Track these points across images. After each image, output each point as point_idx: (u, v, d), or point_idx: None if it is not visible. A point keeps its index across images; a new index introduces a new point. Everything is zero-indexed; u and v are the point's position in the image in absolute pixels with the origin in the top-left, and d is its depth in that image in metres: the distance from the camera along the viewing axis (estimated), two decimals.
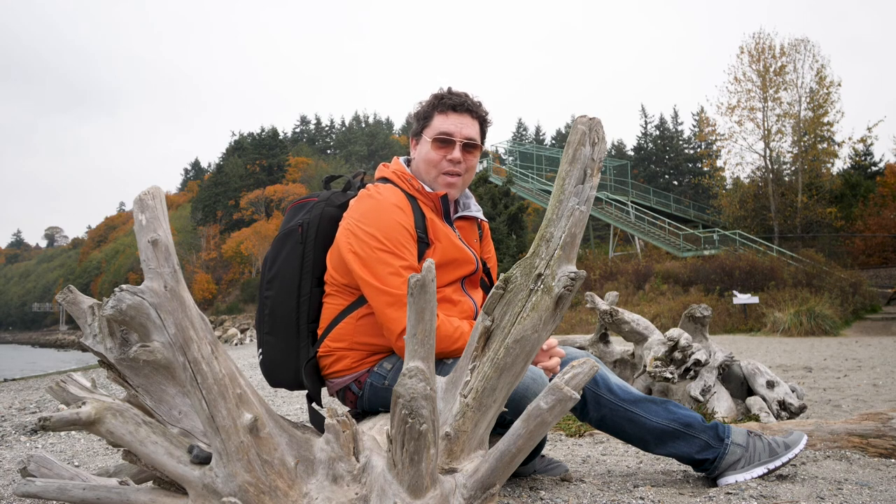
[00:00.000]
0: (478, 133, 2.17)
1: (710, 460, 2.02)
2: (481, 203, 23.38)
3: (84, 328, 1.56)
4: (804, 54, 27.27)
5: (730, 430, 2.06)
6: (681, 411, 2.05)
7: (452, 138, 2.11)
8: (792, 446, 2.05)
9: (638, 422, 2.02)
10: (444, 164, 2.11)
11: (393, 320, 1.92)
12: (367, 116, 73.87)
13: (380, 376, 2.00)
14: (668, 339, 3.62)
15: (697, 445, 2.02)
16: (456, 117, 2.12)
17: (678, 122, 52.42)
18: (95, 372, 9.36)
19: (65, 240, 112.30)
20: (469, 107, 2.14)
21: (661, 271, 21.33)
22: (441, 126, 2.12)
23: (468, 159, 2.14)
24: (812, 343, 11.58)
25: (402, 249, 1.96)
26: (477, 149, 2.17)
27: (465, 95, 2.16)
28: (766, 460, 2.02)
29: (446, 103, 2.13)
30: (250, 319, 32.37)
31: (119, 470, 1.93)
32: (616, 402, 2.02)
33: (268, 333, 2.11)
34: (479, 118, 2.18)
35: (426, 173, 2.14)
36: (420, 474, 1.26)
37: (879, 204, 26.80)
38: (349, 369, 2.05)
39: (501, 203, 24.22)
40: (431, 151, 2.12)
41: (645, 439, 2.04)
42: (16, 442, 3.67)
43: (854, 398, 4.78)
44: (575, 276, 1.41)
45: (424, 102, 2.19)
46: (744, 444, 2.04)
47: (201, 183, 62.36)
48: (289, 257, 2.10)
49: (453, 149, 2.11)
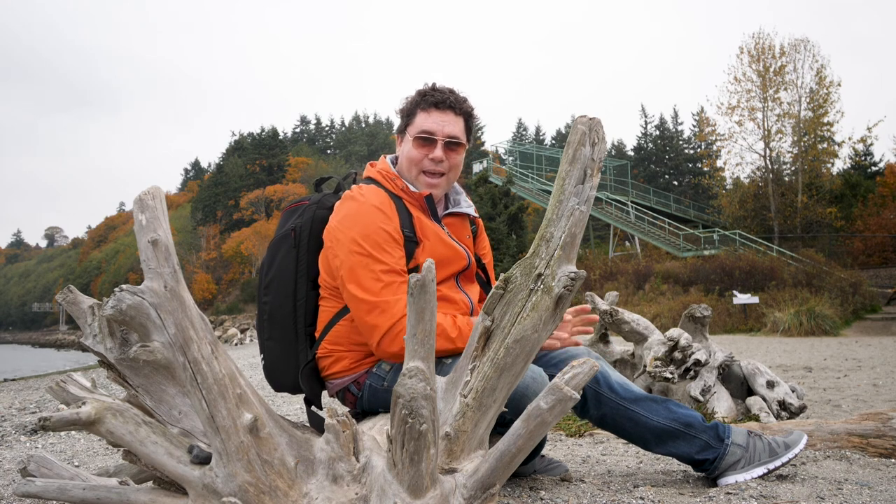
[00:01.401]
0: (462, 130, 2.12)
1: (709, 460, 2.02)
2: (481, 203, 23.39)
3: (84, 328, 1.56)
4: (804, 54, 27.33)
5: (730, 431, 2.05)
6: (681, 410, 2.04)
7: (434, 137, 2.07)
8: (792, 446, 2.04)
9: (638, 420, 2.01)
10: (425, 163, 2.08)
11: (371, 327, 1.90)
12: (367, 116, 73.88)
13: (378, 377, 1.99)
14: (668, 339, 3.62)
15: (697, 445, 2.02)
16: (438, 115, 2.08)
17: (678, 122, 52.47)
18: (95, 372, 9.35)
19: (65, 240, 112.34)
20: (451, 104, 2.09)
21: (661, 271, 21.32)
22: (423, 124, 2.08)
23: (451, 157, 2.10)
24: (812, 343, 11.58)
25: (382, 253, 1.93)
26: (461, 146, 2.13)
27: (449, 91, 2.11)
28: (766, 460, 2.02)
29: (428, 100, 2.08)
30: (250, 319, 32.39)
31: (119, 470, 1.93)
32: (617, 400, 2.01)
33: (268, 339, 2.11)
34: (464, 114, 2.13)
35: (408, 171, 2.11)
36: (420, 474, 1.26)
37: (879, 204, 26.79)
38: (348, 370, 2.04)
39: (501, 203, 24.23)
40: (413, 150, 2.08)
41: (645, 438, 2.04)
42: (16, 442, 3.67)
43: (854, 398, 4.78)
44: (575, 276, 1.41)
45: (409, 98, 2.14)
46: (744, 444, 2.03)
47: (201, 183, 62.37)
48: (284, 262, 2.10)
49: (435, 147, 2.07)
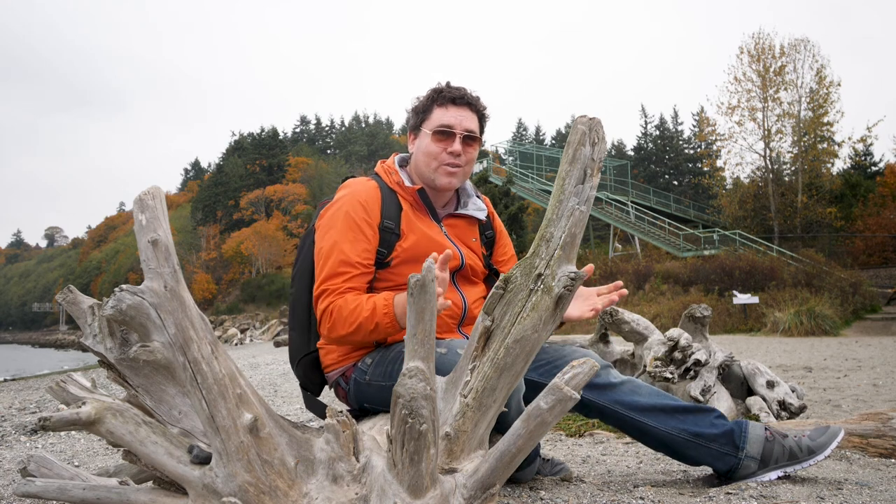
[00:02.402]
0: (477, 126, 2.16)
1: (722, 471, 1.97)
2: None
3: (84, 328, 1.56)
4: (804, 54, 27.29)
5: (746, 438, 1.96)
6: (689, 420, 1.96)
7: (453, 130, 2.10)
8: (817, 451, 1.97)
9: (645, 430, 1.97)
10: (444, 157, 2.10)
11: (320, 311, 1.95)
12: (367, 116, 74.05)
13: (361, 371, 2.03)
14: (668, 339, 3.62)
15: (710, 456, 1.96)
16: (456, 110, 2.11)
17: (678, 122, 52.50)
18: (95, 372, 9.35)
19: (65, 240, 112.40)
20: (468, 100, 2.14)
21: (661, 271, 21.30)
22: (441, 119, 2.11)
23: (468, 152, 2.13)
24: (812, 343, 11.57)
25: (349, 242, 1.98)
26: (476, 142, 2.16)
27: (464, 89, 2.16)
28: (784, 463, 1.96)
29: (446, 96, 2.12)
30: (250, 319, 32.45)
31: (119, 470, 1.93)
32: (625, 412, 1.97)
33: (291, 329, 2.21)
34: (478, 112, 2.17)
35: (426, 166, 2.12)
36: (420, 474, 1.26)
37: (879, 204, 26.77)
38: (336, 363, 2.10)
39: (501, 203, 24.24)
40: (432, 144, 2.11)
41: (654, 446, 2.02)
42: (16, 442, 3.67)
43: (854, 398, 4.78)
44: (575, 276, 1.40)
45: (423, 97, 2.18)
46: (758, 456, 1.95)
47: (201, 183, 62.40)
48: (306, 257, 2.16)
49: (454, 141, 2.10)
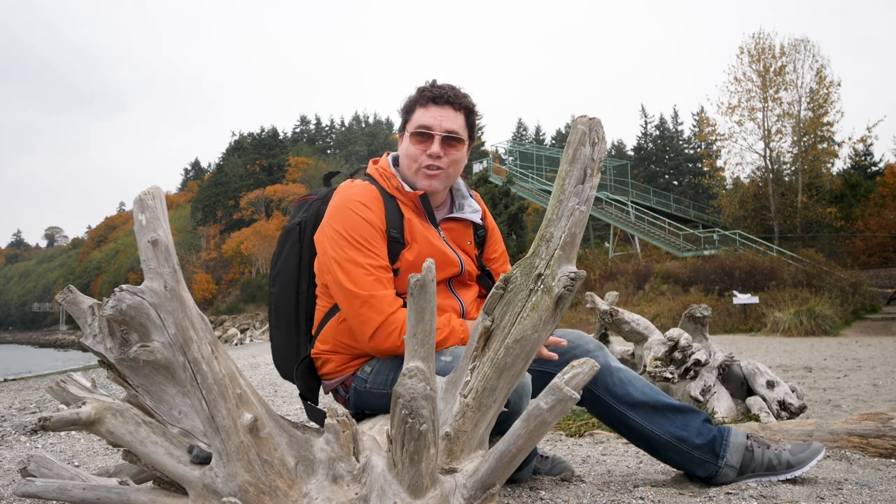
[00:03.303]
0: (462, 125, 2.06)
1: (701, 477, 2.01)
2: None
3: (84, 328, 1.56)
4: (804, 54, 27.29)
5: (727, 447, 1.98)
6: (678, 421, 2.00)
7: (431, 132, 2.01)
8: (796, 466, 1.99)
9: (633, 427, 2.01)
10: (423, 159, 2.02)
11: (362, 321, 1.87)
12: (367, 116, 73.97)
13: (362, 380, 1.99)
14: (668, 339, 3.63)
15: (691, 462, 1.99)
16: (436, 110, 2.02)
17: (678, 122, 52.48)
18: (95, 372, 9.35)
19: (65, 240, 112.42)
20: (450, 98, 2.03)
21: (661, 271, 21.31)
22: (420, 119, 2.02)
23: (450, 153, 2.03)
24: (812, 343, 11.57)
25: (369, 246, 1.91)
26: (460, 142, 2.05)
27: (449, 87, 2.06)
28: (760, 473, 1.99)
29: (426, 96, 2.04)
30: (250, 319, 32.47)
31: (119, 470, 1.93)
32: (613, 404, 2.00)
33: (275, 327, 2.17)
34: (465, 109, 2.07)
35: (408, 168, 2.06)
36: (420, 474, 1.26)
37: (879, 204, 26.77)
38: (335, 372, 2.05)
39: (501, 203, 24.26)
40: (411, 146, 2.03)
41: (641, 444, 2.05)
42: (16, 442, 3.67)
43: (854, 398, 4.78)
44: (575, 276, 1.41)
45: (409, 97, 2.10)
46: (737, 465, 1.98)
47: (201, 183, 62.38)
48: (289, 255, 2.12)
49: (432, 143, 2.01)
